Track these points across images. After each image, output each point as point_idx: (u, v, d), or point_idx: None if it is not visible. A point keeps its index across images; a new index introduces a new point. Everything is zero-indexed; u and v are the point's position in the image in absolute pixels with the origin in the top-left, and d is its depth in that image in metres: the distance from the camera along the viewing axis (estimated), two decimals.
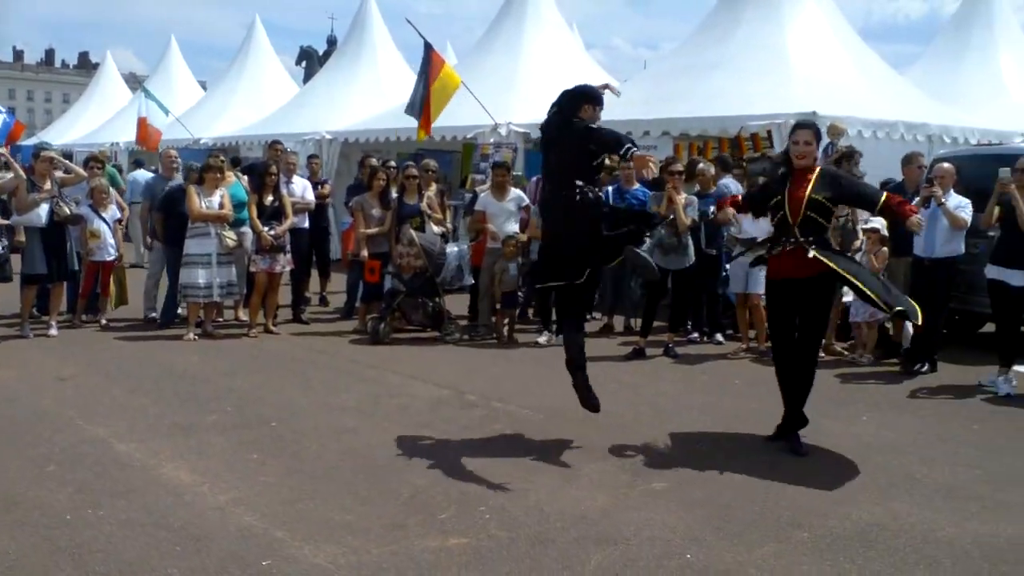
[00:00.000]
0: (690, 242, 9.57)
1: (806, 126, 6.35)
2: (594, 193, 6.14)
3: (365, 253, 10.56)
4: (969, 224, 8.60)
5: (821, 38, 13.64)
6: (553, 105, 6.43)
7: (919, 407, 7.64)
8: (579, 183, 6.07)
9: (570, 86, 6.48)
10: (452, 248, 10.54)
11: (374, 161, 12.46)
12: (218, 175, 10.19)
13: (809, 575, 4.27)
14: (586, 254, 6.20)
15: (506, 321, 10.28)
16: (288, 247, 10.40)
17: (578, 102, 6.26)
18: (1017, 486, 5.56)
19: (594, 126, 6.17)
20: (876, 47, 16.25)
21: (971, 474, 5.81)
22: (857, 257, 9.49)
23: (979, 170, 9.25)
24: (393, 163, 13.23)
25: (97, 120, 33.02)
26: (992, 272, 8.25)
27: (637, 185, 10.62)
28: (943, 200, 8.48)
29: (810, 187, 6.08)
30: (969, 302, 9.61)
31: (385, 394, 7.70)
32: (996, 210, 8.21)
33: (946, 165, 8.83)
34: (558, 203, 6.25)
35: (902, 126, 12.31)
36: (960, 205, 8.60)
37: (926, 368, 8.82)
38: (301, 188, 11.40)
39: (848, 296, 9.26)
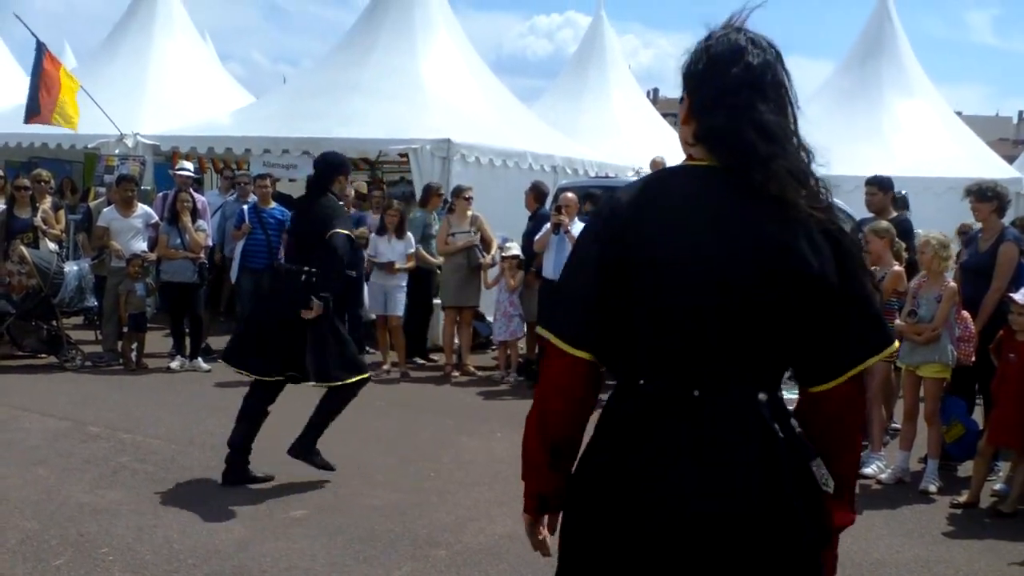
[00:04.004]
0: None
1: None
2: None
3: None
4: None
5: (454, 68, 14.18)
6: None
7: None
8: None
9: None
10: (72, 267, 9.71)
11: None
12: None
13: None
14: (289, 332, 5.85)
15: (134, 345, 9.64)
16: None
17: (333, 174, 6.14)
18: None
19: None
20: (506, 80, 17.27)
21: None
22: (494, 275, 10.01)
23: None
24: (0, 171, 12.04)
25: None
26: None
27: (274, 204, 10.46)
28: (569, 227, 9.12)
29: None
30: None
31: None
32: None
33: (570, 195, 9.50)
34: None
35: (530, 156, 13.08)
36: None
37: None
38: None
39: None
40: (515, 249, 10.01)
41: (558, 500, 2.17)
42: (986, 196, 7.00)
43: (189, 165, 11.34)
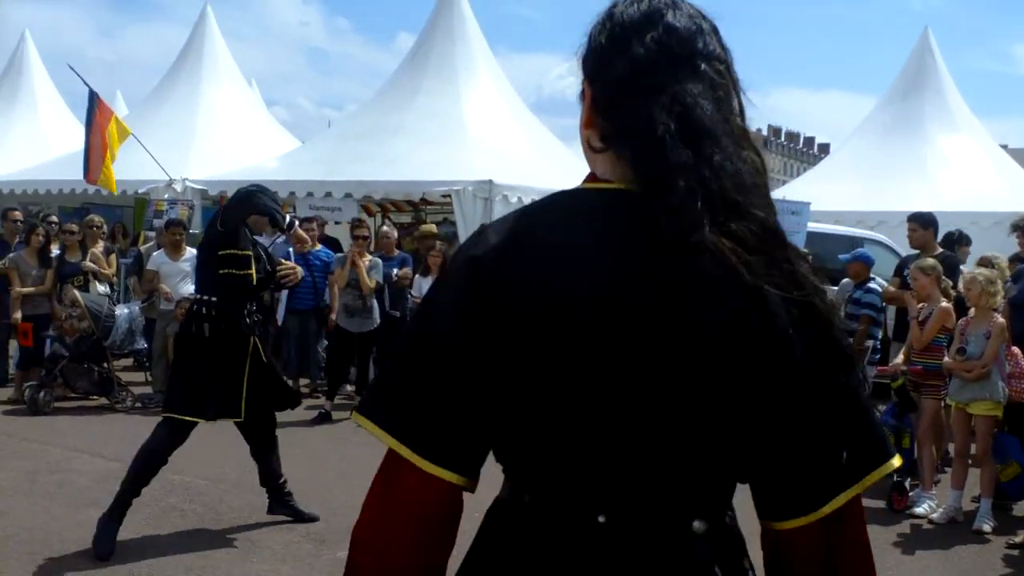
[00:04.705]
0: (375, 304, 9.64)
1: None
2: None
3: (19, 315, 9.70)
4: None
5: (495, 110, 14.36)
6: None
7: None
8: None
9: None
10: (122, 310, 9.91)
11: (18, 214, 11.53)
12: None
13: None
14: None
15: None
16: None
17: (245, 211, 5.87)
18: None
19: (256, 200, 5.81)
20: (547, 120, 17.38)
21: None
22: None
23: None
24: (55, 217, 12.34)
25: None
26: None
27: (319, 247, 10.60)
28: None
29: None
30: None
31: (44, 470, 7.04)
32: None
33: None
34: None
35: None
36: None
37: None
38: None
39: None
40: None
41: None
42: None
43: None
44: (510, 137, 14.07)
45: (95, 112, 12.72)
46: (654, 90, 1.33)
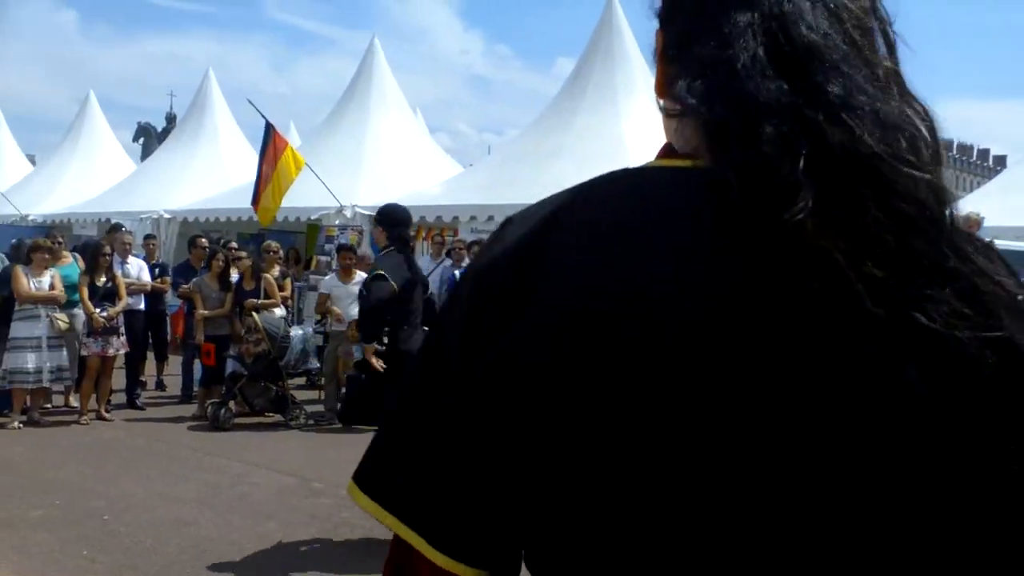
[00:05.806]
0: None
1: None
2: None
3: (202, 336, 10.30)
4: None
5: (656, 129, 14.06)
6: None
7: None
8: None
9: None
10: (296, 331, 10.37)
11: (205, 241, 12.23)
12: (47, 255, 9.76)
13: None
14: None
15: None
16: (122, 329, 10.01)
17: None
18: None
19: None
20: None
21: None
22: None
23: None
24: (235, 244, 13.02)
25: None
26: None
27: None
28: None
29: None
30: None
31: (226, 483, 7.43)
32: None
33: None
34: None
35: None
36: None
37: None
38: (136, 269, 11.05)
39: None
40: None
41: None
42: None
43: None
44: None
45: (269, 143, 13.38)
46: (738, 8, 0.91)
